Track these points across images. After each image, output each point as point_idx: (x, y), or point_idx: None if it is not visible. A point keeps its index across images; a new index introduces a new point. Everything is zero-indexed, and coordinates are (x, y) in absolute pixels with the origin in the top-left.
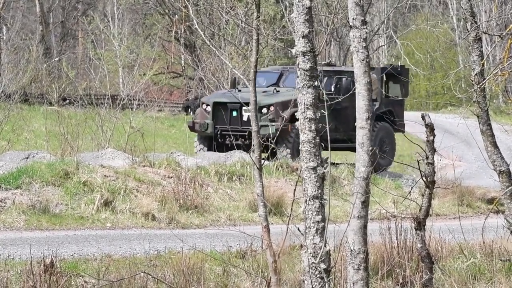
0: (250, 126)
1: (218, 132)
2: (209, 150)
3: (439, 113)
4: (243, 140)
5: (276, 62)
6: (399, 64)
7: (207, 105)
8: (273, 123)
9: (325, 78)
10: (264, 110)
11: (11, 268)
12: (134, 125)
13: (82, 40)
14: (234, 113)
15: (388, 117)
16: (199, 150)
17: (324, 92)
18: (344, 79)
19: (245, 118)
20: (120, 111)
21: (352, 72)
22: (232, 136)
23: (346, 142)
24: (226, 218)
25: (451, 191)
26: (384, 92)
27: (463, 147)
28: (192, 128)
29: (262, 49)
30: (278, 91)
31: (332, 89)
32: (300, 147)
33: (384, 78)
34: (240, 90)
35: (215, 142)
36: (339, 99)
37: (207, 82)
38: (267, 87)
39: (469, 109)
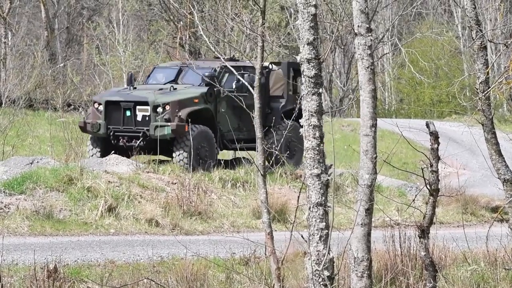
0: (145, 126)
1: (111, 133)
2: (102, 153)
3: (443, 121)
4: (137, 141)
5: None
6: None
7: (99, 104)
8: (169, 123)
9: (227, 74)
10: (160, 110)
11: (15, 274)
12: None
13: (87, 46)
14: (128, 113)
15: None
16: (92, 155)
17: (222, 89)
18: (246, 75)
19: (139, 118)
20: None
21: (253, 67)
22: (125, 137)
23: (249, 142)
24: (229, 225)
25: (455, 199)
26: (291, 89)
27: (467, 155)
28: (83, 128)
29: (267, 56)
30: (176, 88)
31: (234, 86)
32: (304, 154)
33: (292, 74)
34: (135, 88)
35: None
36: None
37: None
38: (165, 84)
39: (474, 117)
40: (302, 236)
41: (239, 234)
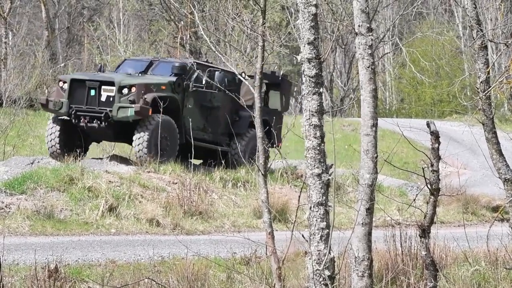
0: (108, 107)
1: (73, 112)
2: (61, 134)
3: (444, 120)
4: (98, 122)
5: (282, 68)
6: (282, 74)
7: (64, 82)
8: (133, 105)
9: (198, 71)
10: (125, 91)
11: (16, 274)
12: None
13: (87, 46)
14: (92, 92)
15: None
16: (51, 134)
17: (191, 84)
18: (217, 72)
19: (103, 98)
20: None
21: (228, 72)
22: (87, 118)
23: (213, 145)
24: (230, 225)
25: (456, 198)
26: (262, 101)
27: (468, 154)
28: (45, 106)
29: (268, 56)
30: (144, 76)
31: (204, 82)
32: (305, 154)
33: (264, 89)
34: (104, 72)
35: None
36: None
37: None
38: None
39: (475, 117)
40: (303, 236)
41: (240, 233)
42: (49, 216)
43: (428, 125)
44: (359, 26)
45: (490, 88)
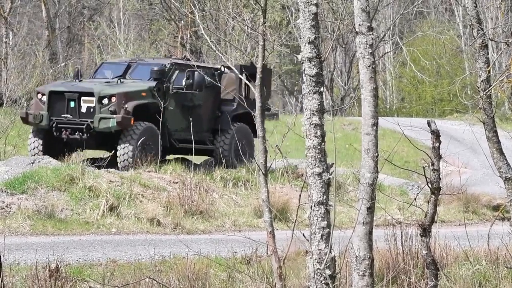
0: (89, 118)
1: (54, 125)
2: (44, 146)
3: (445, 119)
4: (80, 134)
5: (282, 68)
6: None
7: (43, 94)
8: (114, 116)
9: (176, 72)
10: (105, 101)
11: (17, 273)
12: None
13: (88, 46)
14: (72, 104)
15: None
16: (34, 149)
17: (171, 86)
18: (197, 73)
19: (84, 110)
20: None
21: (208, 68)
22: (68, 130)
23: (198, 144)
24: (231, 224)
25: (456, 197)
26: (242, 93)
27: (468, 153)
28: (25, 120)
29: (268, 55)
30: (123, 82)
31: (184, 83)
32: (305, 153)
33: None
34: (81, 81)
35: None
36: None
37: None
38: (112, 79)
39: (475, 115)
40: (303, 235)
41: (240, 233)
42: (50, 215)
43: (428, 124)
44: (359, 25)
45: (490, 87)
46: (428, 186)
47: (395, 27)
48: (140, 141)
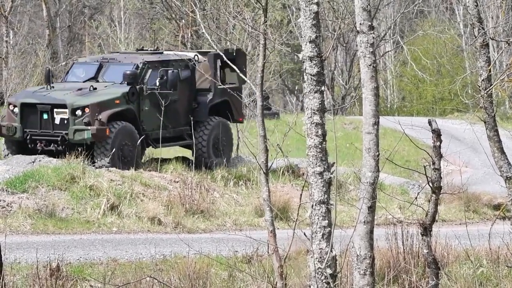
0: (63, 130)
1: (28, 137)
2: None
3: (445, 118)
4: (56, 145)
5: (283, 67)
6: (234, 48)
7: (14, 106)
8: (89, 127)
9: (150, 70)
10: (79, 112)
11: (17, 272)
12: None
13: (89, 45)
14: (45, 116)
15: (226, 109)
16: (7, 155)
17: (145, 87)
18: (170, 71)
19: (57, 121)
20: None
21: (181, 60)
22: (43, 142)
23: (176, 140)
24: (232, 223)
25: (457, 197)
26: (218, 81)
27: (469, 153)
28: None
29: (269, 54)
30: (95, 88)
31: (157, 83)
32: (306, 152)
33: (219, 65)
34: (53, 87)
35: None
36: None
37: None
38: (84, 81)
39: (476, 115)
40: (304, 234)
41: (241, 232)
42: (51, 214)
43: (429, 123)
44: (360, 24)
45: (491, 86)
46: (429, 185)
47: (396, 26)
48: (116, 143)
